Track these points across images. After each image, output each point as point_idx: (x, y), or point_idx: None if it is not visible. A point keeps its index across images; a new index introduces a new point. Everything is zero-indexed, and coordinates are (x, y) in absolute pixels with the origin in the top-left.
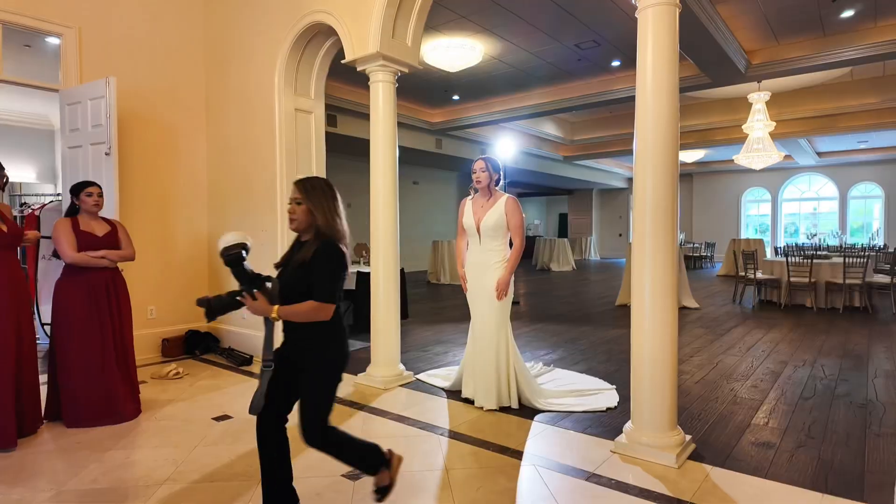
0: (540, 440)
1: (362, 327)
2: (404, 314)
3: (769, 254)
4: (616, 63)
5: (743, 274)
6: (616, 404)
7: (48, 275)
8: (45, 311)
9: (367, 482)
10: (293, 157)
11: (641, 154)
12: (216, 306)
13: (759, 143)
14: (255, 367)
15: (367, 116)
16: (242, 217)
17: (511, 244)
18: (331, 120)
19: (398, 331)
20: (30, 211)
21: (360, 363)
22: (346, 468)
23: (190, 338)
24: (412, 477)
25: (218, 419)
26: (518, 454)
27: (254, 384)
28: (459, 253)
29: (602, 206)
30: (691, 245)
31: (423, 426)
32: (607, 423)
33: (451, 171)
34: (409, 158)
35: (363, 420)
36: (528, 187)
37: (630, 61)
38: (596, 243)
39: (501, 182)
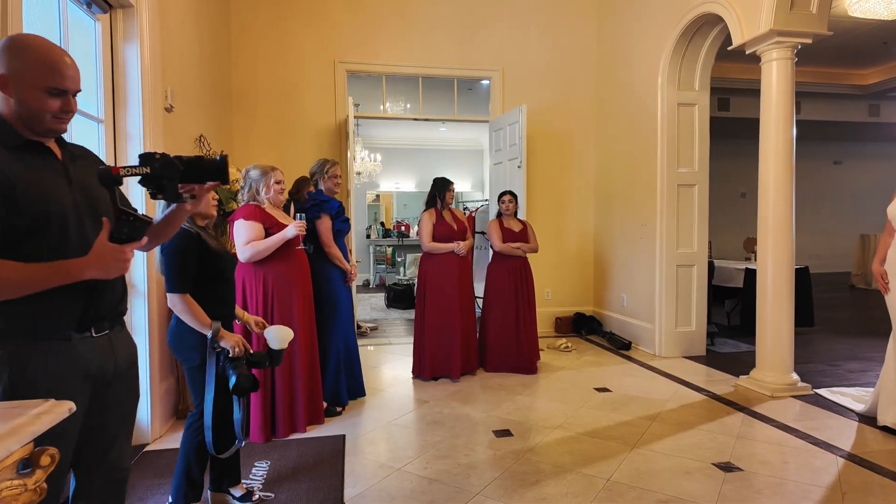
0: None
1: (750, 329)
2: (808, 321)
3: None
4: None
5: None
6: None
7: (479, 262)
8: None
9: (739, 475)
10: (674, 152)
11: None
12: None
13: None
14: (634, 353)
15: None
16: (624, 212)
17: None
18: (723, 104)
19: (791, 336)
20: (468, 213)
21: (743, 366)
22: (719, 458)
23: (577, 319)
24: (792, 486)
25: (599, 390)
26: None
27: (633, 367)
28: (881, 249)
29: None
30: None
31: (814, 441)
32: None
33: (889, 142)
34: (826, 134)
35: (741, 421)
36: None
37: None
38: None
39: None
